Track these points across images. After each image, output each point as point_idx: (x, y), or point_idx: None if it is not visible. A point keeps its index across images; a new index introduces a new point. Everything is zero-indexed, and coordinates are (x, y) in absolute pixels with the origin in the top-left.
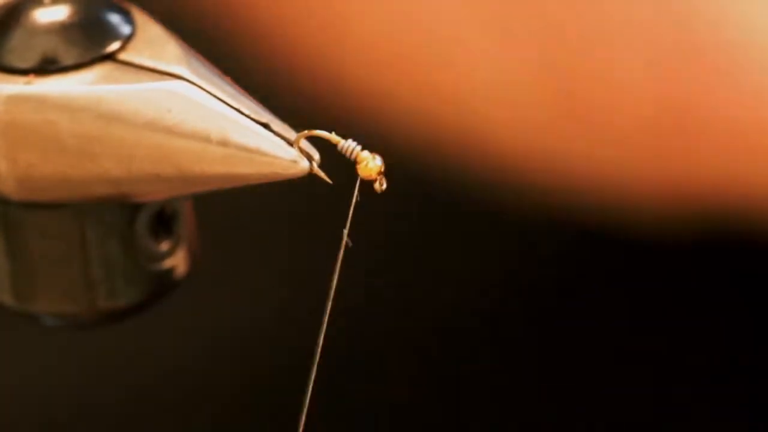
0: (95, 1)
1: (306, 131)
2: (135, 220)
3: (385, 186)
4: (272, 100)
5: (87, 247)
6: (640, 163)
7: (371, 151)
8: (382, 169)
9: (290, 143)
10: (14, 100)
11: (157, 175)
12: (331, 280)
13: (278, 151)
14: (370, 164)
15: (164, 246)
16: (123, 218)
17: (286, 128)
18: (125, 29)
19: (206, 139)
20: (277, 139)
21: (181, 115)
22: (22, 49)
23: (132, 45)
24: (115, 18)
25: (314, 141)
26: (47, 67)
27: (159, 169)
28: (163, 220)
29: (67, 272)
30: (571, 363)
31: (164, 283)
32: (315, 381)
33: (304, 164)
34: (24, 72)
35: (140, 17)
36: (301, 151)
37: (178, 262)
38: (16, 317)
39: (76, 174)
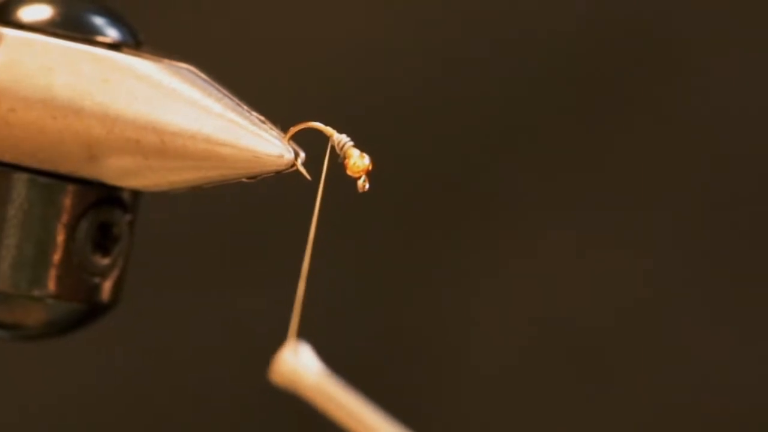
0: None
1: (302, 123)
2: (81, 216)
3: (367, 187)
4: None
5: (27, 221)
6: None
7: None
8: (369, 168)
9: (282, 136)
10: (16, 41)
11: (137, 141)
12: None
13: (266, 144)
14: (358, 162)
15: (98, 260)
16: (71, 206)
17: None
18: (137, 38)
19: (196, 117)
20: (265, 132)
21: (179, 89)
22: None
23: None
24: (129, 26)
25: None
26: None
27: (141, 136)
28: (105, 238)
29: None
30: None
31: (90, 298)
32: None
33: (290, 156)
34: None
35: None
36: (290, 145)
37: (106, 286)
38: None
39: (55, 126)
